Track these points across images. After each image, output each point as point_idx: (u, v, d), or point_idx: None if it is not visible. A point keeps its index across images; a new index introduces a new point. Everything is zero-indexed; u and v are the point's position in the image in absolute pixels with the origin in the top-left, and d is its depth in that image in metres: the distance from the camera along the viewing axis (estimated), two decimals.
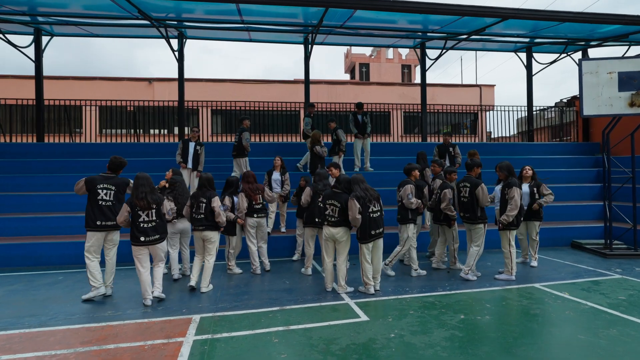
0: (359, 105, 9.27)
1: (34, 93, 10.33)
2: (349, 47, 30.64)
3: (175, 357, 3.25)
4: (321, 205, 5.17)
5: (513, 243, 5.55)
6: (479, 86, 19.51)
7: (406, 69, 28.82)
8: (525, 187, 6.28)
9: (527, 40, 11.17)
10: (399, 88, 18.69)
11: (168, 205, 5.03)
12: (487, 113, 17.10)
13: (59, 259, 6.67)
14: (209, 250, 5.20)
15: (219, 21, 9.37)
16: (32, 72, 10.63)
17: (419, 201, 5.71)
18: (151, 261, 4.75)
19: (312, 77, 12.00)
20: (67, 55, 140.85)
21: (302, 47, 11.27)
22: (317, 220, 5.62)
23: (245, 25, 9.84)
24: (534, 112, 13.64)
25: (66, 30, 10.45)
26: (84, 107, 15.39)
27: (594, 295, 4.82)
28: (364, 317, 4.10)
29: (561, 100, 13.65)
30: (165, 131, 16.45)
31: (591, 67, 6.76)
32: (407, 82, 27.88)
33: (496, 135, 14.16)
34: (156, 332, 3.78)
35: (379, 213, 4.93)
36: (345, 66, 31.38)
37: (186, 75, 11.75)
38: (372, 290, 4.93)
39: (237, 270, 6.02)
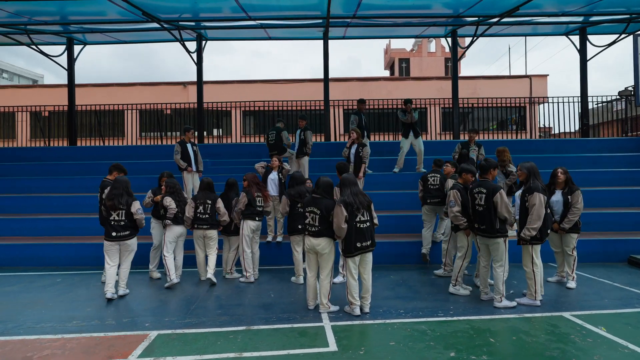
0: (361, 102, 8.41)
1: (66, 100, 10.90)
2: (388, 43, 29.52)
3: None
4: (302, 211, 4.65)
5: (538, 261, 4.58)
6: (529, 77, 17.57)
7: (450, 63, 26.94)
8: (558, 194, 5.21)
9: (580, 19, 9.67)
10: (437, 82, 17.42)
11: (171, 202, 5.35)
12: (540, 106, 15.35)
13: (68, 260, 6.77)
14: (210, 247, 5.62)
15: (228, 18, 9.13)
16: (100, 81, 11.30)
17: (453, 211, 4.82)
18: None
19: (350, 75, 11.44)
20: (131, 62, 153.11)
21: (345, 45, 10.71)
22: (299, 227, 5.14)
23: (259, 23, 9.56)
24: (596, 104, 11.89)
25: (96, 38, 10.91)
26: (125, 112, 16.34)
27: None
28: (332, 347, 3.50)
29: (626, 88, 11.71)
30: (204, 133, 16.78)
31: None
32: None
33: (558, 131, 12.52)
34: (102, 350, 3.50)
35: (368, 223, 4.27)
36: (385, 62, 30.21)
37: (235, 77, 11.79)
38: (357, 312, 4.30)
39: (236, 275, 5.86)
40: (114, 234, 4.88)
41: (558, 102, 11.65)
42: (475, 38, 9.68)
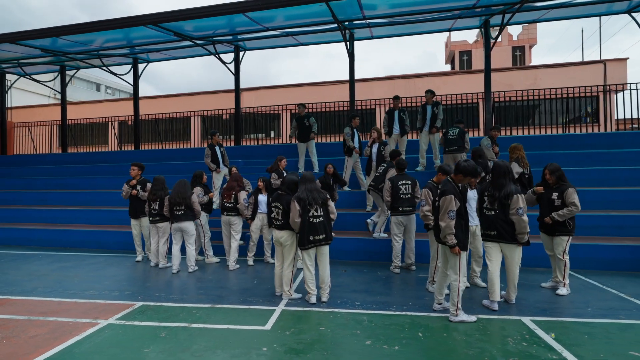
0: (429, 93, 8.28)
1: (132, 110, 12.85)
2: (448, 35, 28.09)
3: (74, 335, 3.76)
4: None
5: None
6: (603, 62, 15.39)
7: (518, 51, 24.62)
8: (473, 192, 4.82)
9: None
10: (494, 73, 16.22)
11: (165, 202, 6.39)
12: (618, 95, 13.46)
13: (118, 245, 8.20)
14: (233, 233, 6.55)
15: (252, 30, 9.92)
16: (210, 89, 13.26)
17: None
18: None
19: (425, 70, 11.53)
20: (218, 72, 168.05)
21: (419, 40, 10.93)
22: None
23: (284, 32, 10.21)
24: None
25: (155, 56, 12.68)
26: (191, 118, 18.43)
27: (597, 344, 3.48)
28: (267, 327, 3.92)
29: None
30: (262, 135, 18.17)
31: None
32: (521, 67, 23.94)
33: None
34: (95, 312, 4.41)
35: (321, 218, 4.57)
36: (445, 56, 28.74)
37: (308, 80, 12.82)
38: (313, 300, 4.63)
39: (250, 263, 6.70)
40: (150, 218, 6.52)
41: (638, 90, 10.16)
42: (502, 27, 9.06)
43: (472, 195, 4.83)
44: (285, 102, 16.79)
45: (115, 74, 12.25)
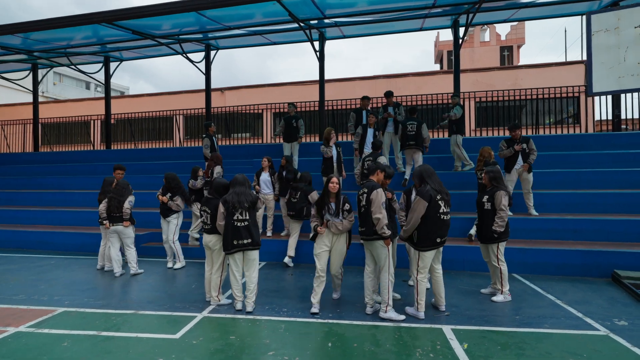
0: (388, 94, 8.16)
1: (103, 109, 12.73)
2: (437, 35, 27.91)
3: None
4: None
5: (423, 270, 4.25)
6: (584, 62, 15.24)
7: (506, 51, 24.45)
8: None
9: None
10: (470, 75, 16.09)
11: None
12: (599, 96, 13.29)
13: (72, 247, 8.08)
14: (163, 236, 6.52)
15: (218, 29, 9.77)
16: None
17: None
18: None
19: (423, 69, 11.35)
20: (221, 72, 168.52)
21: (418, 39, 10.83)
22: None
23: (251, 30, 10.07)
24: None
25: (128, 55, 12.55)
26: (174, 117, 18.29)
27: (507, 355, 3.36)
28: (177, 335, 3.81)
29: None
30: (248, 134, 18.04)
31: (606, 21, 4.67)
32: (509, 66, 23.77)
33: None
34: (9, 318, 4.27)
35: (246, 223, 4.44)
36: (434, 56, 28.59)
37: (304, 78, 12.66)
38: (238, 306, 4.51)
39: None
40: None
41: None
42: (467, 26, 8.93)
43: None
44: (267, 101, 16.63)
45: (84, 73, 12.12)
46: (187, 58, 10.96)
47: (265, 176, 7.32)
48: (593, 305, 4.57)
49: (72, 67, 12.09)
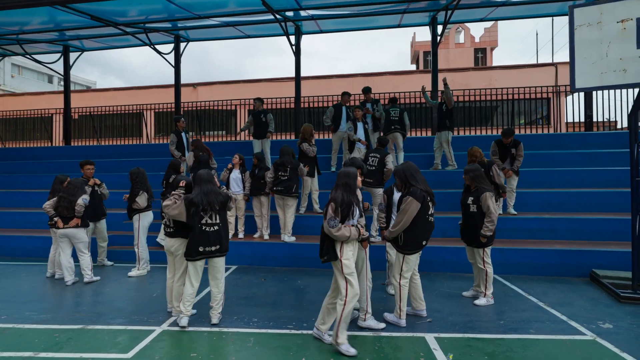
0: (366, 90, 8.03)
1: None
2: (413, 35, 28.12)
3: None
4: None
5: (406, 274, 3.96)
6: (554, 64, 15.64)
7: (480, 53, 24.91)
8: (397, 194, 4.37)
9: None
10: (447, 75, 16.14)
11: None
12: (571, 97, 13.58)
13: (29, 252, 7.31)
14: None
15: (188, 17, 9.20)
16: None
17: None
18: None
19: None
20: (194, 66, 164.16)
21: (395, 40, 10.45)
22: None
23: (232, 20, 9.53)
24: None
25: (90, 44, 11.71)
26: (144, 112, 17.37)
27: None
28: (130, 354, 3.34)
29: None
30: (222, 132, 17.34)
31: (589, 15, 4.55)
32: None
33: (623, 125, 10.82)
34: None
35: (216, 227, 3.97)
36: (411, 56, 28.81)
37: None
38: (183, 322, 3.87)
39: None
40: None
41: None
42: (445, 24, 8.81)
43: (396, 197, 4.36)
44: (242, 97, 16.05)
45: (40, 63, 11.19)
46: (155, 49, 10.32)
47: (235, 174, 6.88)
48: (575, 307, 4.44)
49: (28, 56, 11.12)
